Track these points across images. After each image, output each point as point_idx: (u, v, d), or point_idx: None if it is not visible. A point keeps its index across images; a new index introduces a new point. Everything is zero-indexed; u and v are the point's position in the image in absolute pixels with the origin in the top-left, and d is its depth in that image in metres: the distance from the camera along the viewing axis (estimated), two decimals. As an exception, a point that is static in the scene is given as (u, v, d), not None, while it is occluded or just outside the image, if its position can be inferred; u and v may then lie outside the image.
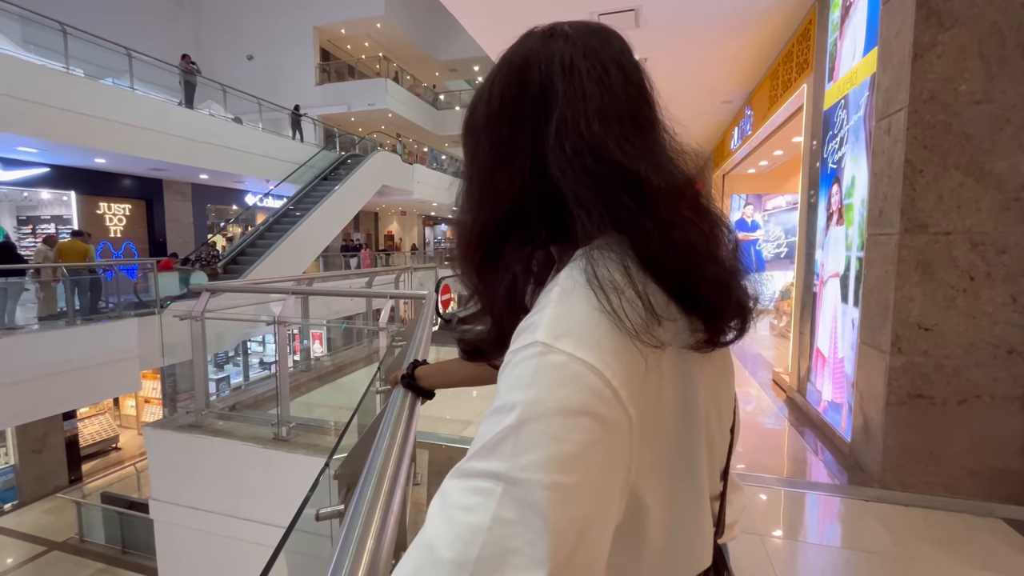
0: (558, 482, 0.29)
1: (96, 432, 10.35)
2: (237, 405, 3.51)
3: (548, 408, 0.30)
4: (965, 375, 2.15)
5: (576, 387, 0.31)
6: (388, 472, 0.64)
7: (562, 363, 0.32)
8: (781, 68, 4.08)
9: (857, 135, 2.62)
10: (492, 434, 0.31)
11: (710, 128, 6.83)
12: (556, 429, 0.30)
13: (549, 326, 0.34)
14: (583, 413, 0.31)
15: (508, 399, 0.32)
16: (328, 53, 16.54)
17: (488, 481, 0.29)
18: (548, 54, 0.43)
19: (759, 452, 2.99)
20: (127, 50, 8.74)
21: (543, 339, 0.33)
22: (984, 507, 2.09)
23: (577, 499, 0.29)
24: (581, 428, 0.30)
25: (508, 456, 0.30)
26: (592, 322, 0.34)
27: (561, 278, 0.39)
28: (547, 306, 0.36)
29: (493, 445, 0.30)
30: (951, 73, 2.07)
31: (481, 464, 0.30)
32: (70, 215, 10.35)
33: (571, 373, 0.31)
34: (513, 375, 0.33)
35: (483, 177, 0.46)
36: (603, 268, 0.37)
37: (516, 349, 0.35)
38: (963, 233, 2.10)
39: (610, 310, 0.35)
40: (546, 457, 0.29)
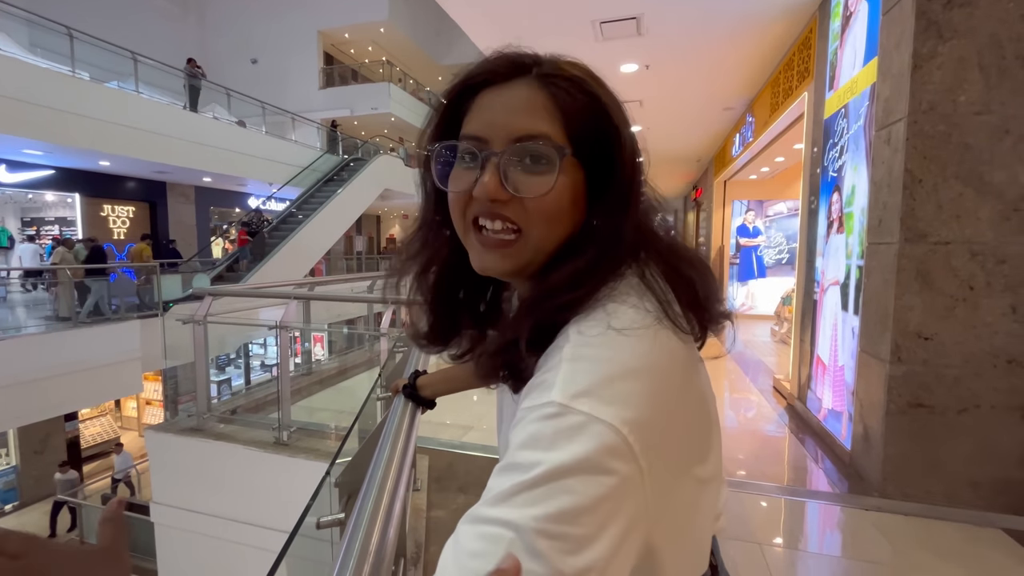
0: (567, 533, 0.29)
1: (97, 433, 10.37)
2: (238, 409, 3.52)
3: (563, 468, 0.31)
4: (965, 384, 2.15)
5: (593, 448, 0.31)
6: (388, 485, 0.65)
7: (580, 425, 0.32)
8: (782, 76, 4.10)
9: (857, 144, 2.63)
10: (506, 486, 0.31)
11: (711, 134, 6.85)
12: (569, 485, 0.30)
13: (566, 386, 0.34)
14: (597, 470, 0.31)
15: (524, 458, 0.32)
16: (332, 57, 16.64)
17: (498, 528, 0.30)
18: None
19: (759, 460, 2.99)
20: (132, 54, 8.81)
21: (559, 399, 0.33)
22: (984, 517, 2.08)
23: (586, 550, 0.29)
24: (594, 484, 0.31)
25: (520, 506, 0.30)
26: (614, 378, 0.34)
27: (578, 326, 0.39)
28: (561, 363, 0.36)
29: (507, 495, 0.31)
30: (950, 84, 2.08)
31: (493, 511, 0.31)
32: (74, 217, 10.42)
33: (590, 435, 0.31)
34: (528, 434, 0.33)
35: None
36: (625, 317, 0.38)
37: (530, 407, 0.34)
38: (963, 243, 2.11)
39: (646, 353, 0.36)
40: (558, 510, 0.29)
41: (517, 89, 0.44)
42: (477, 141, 0.43)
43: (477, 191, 0.42)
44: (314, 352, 6.70)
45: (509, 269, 0.44)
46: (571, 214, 0.44)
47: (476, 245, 0.44)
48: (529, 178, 0.41)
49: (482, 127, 0.43)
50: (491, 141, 0.42)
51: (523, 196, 0.41)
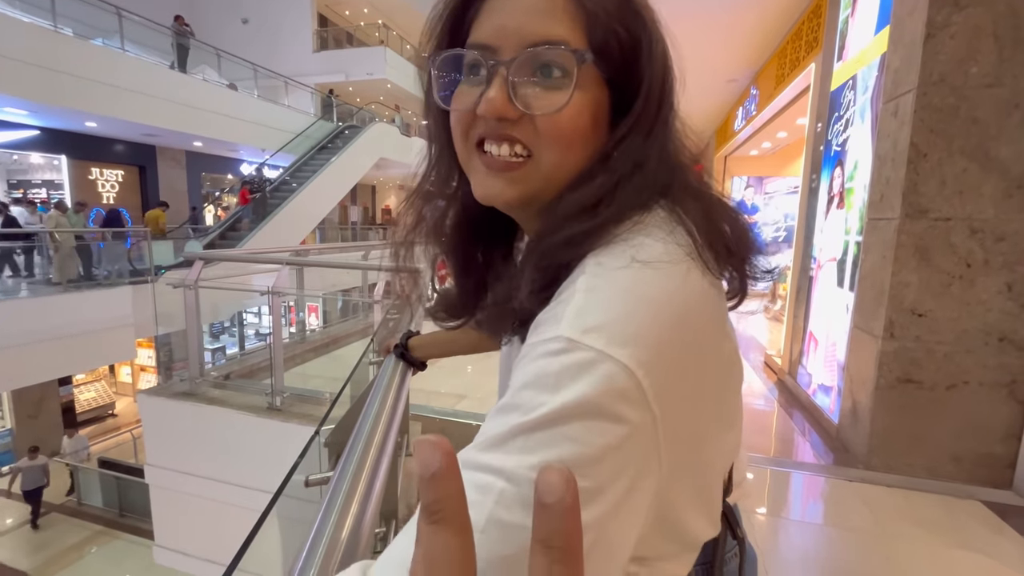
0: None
1: (92, 399, 10.42)
2: (232, 374, 3.52)
3: (567, 410, 0.27)
4: (955, 361, 2.17)
5: (602, 389, 0.27)
6: (376, 439, 0.64)
7: (588, 362, 0.28)
8: (790, 46, 3.99)
9: (863, 117, 2.58)
10: (502, 429, 0.28)
11: (714, 107, 6.72)
12: (573, 431, 0.27)
13: (576, 318, 0.30)
14: (606, 416, 0.27)
15: (524, 399, 0.28)
16: (326, 19, 16.06)
17: (490, 476, 0.26)
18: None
19: (748, 432, 3.02)
20: (117, 9, 8.44)
21: (568, 334, 0.29)
22: (964, 489, 2.13)
23: (588, 506, 0.26)
24: (602, 431, 0.27)
25: (516, 452, 0.27)
26: (633, 313, 0.30)
27: (597, 257, 0.34)
28: (574, 295, 0.31)
29: (502, 439, 0.27)
30: (963, 54, 2.02)
31: (484, 456, 0.27)
32: (62, 180, 10.18)
33: (600, 375, 0.27)
34: (530, 372, 0.29)
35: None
36: (652, 250, 0.33)
37: (536, 342, 0.30)
38: (963, 219, 2.09)
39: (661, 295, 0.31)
40: (559, 459, 0.26)
41: None
42: (484, 50, 0.37)
43: (481, 108, 0.36)
44: (308, 321, 6.69)
45: (515, 197, 0.38)
46: (590, 138, 0.38)
47: (480, 168, 0.38)
48: (542, 92, 0.36)
49: (491, 33, 0.36)
50: (500, 49, 0.36)
51: (534, 113, 0.35)
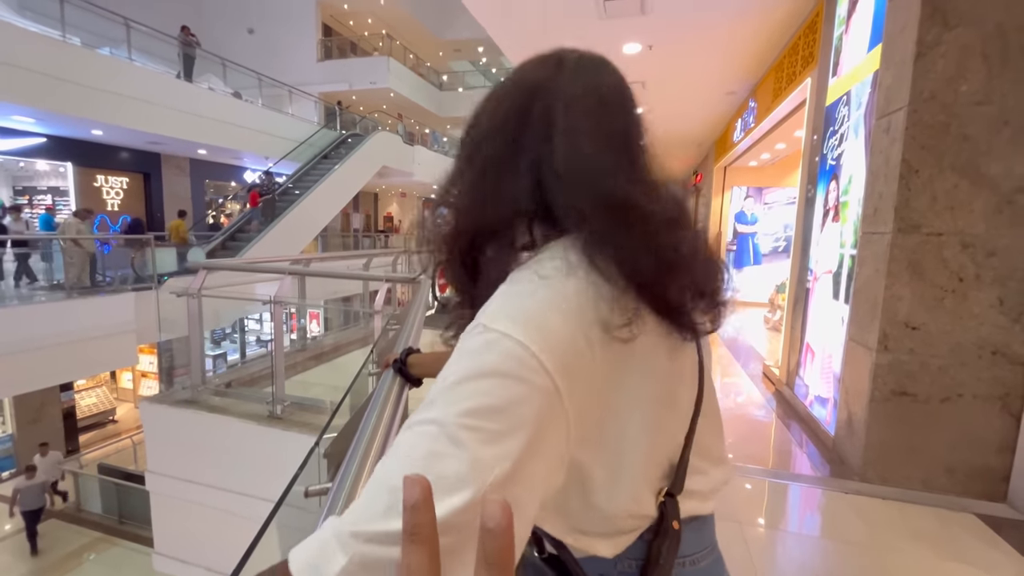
0: (483, 427, 0.35)
1: (93, 405, 10.44)
2: (233, 382, 3.55)
3: (478, 371, 0.37)
4: (949, 374, 2.19)
5: (503, 357, 0.38)
6: (372, 452, 0.67)
7: (495, 339, 0.39)
8: (786, 61, 4.05)
9: (857, 132, 2.62)
10: (433, 392, 0.38)
11: (713, 119, 6.78)
12: (483, 386, 0.37)
13: (492, 313, 0.41)
14: (509, 376, 0.37)
15: (449, 368, 0.39)
16: (330, 29, 16.26)
17: (426, 426, 0.36)
18: (553, 87, 0.50)
19: (746, 443, 3.04)
20: (125, 19, 8.58)
21: (484, 322, 0.40)
22: (959, 502, 2.14)
23: (502, 443, 0.35)
24: (505, 388, 0.37)
25: (443, 406, 0.36)
26: (528, 308, 0.41)
27: (513, 274, 0.46)
28: (495, 297, 0.43)
29: (432, 400, 0.37)
30: (952, 73, 2.06)
31: (422, 415, 0.37)
32: (67, 187, 10.28)
33: (502, 347, 0.38)
34: (459, 348, 0.40)
35: (477, 181, 0.51)
36: (544, 268, 0.44)
37: (466, 332, 0.41)
38: (955, 234, 2.12)
39: (549, 299, 0.41)
40: (475, 406, 0.36)
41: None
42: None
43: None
44: (310, 328, 6.71)
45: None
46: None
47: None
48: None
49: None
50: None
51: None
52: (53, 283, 6.70)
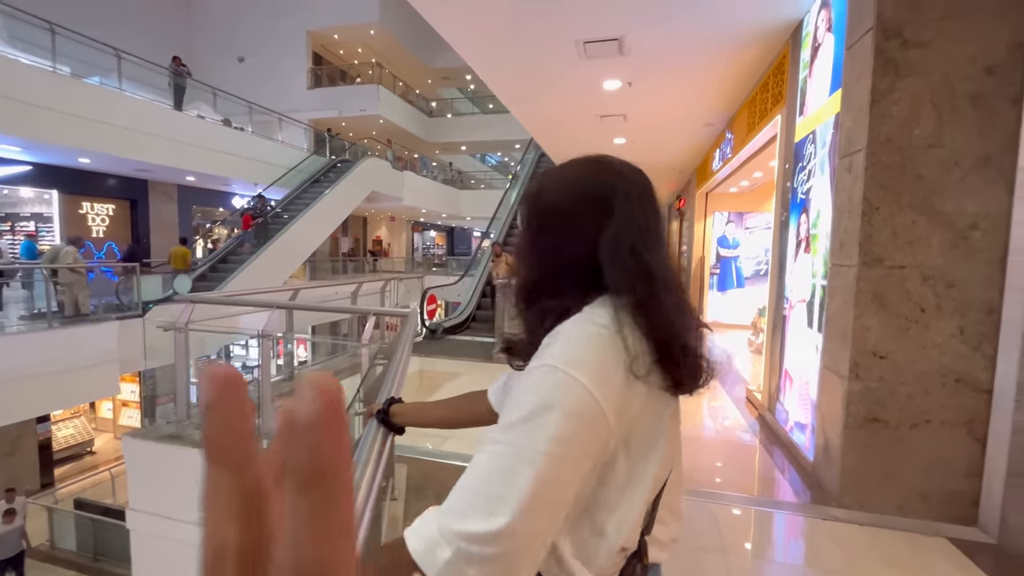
0: (549, 451, 0.46)
1: (70, 436, 10.14)
2: (218, 415, 3.51)
3: (551, 407, 0.48)
4: (916, 401, 2.28)
5: (572, 397, 0.49)
6: (358, 500, 0.71)
7: (566, 381, 0.50)
8: (758, 97, 4.25)
9: (823, 169, 2.76)
10: (511, 418, 0.49)
11: (693, 148, 7.01)
12: (553, 419, 0.48)
13: (560, 354, 0.52)
14: (574, 414, 0.49)
15: (525, 398, 0.50)
16: (320, 57, 16.56)
17: (505, 447, 0.47)
18: (613, 181, 0.65)
19: (730, 468, 3.09)
20: (115, 50, 8.69)
21: (554, 363, 0.51)
22: (932, 527, 2.21)
23: (558, 464, 0.47)
24: (571, 423, 0.48)
25: (520, 433, 0.47)
26: (589, 355, 0.52)
27: (571, 319, 0.57)
28: (559, 337, 0.55)
29: (510, 425, 0.48)
30: (906, 118, 2.21)
31: (502, 436, 0.48)
32: (51, 213, 10.20)
33: (571, 390, 0.49)
34: (530, 382, 0.51)
35: (546, 245, 0.66)
36: (600, 318, 0.56)
37: (535, 367, 0.53)
38: (915, 267, 2.24)
39: (603, 346, 0.54)
40: (545, 436, 0.47)
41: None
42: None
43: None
44: (297, 354, 6.66)
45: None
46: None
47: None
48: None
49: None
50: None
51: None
52: (34, 312, 6.61)
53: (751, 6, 3.19)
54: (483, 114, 18.95)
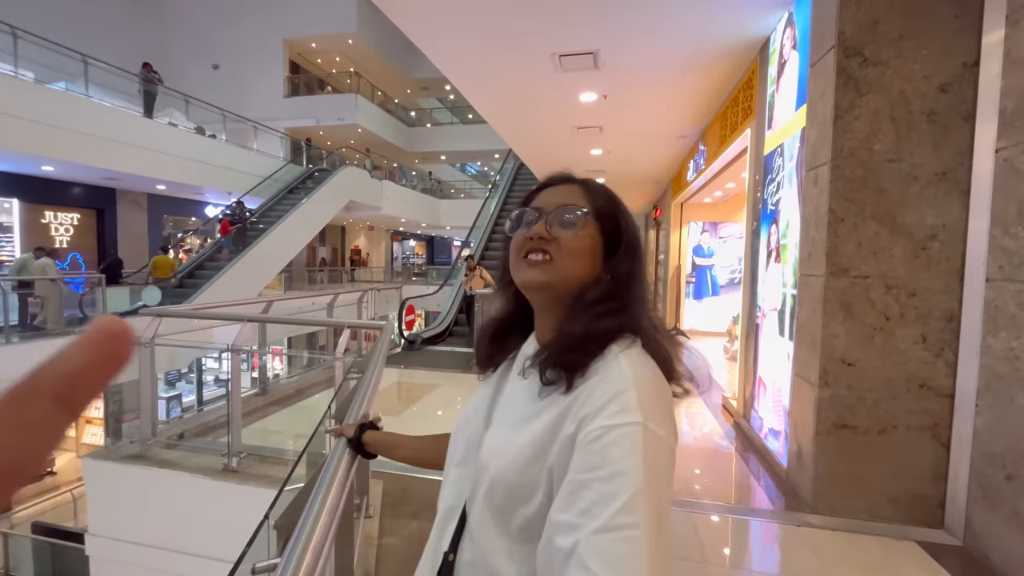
0: (667, 513, 0.47)
1: (29, 455, 9.65)
2: (186, 433, 3.40)
3: (658, 473, 0.47)
4: (883, 407, 2.34)
5: (666, 456, 0.49)
6: (317, 531, 0.69)
7: (658, 441, 0.49)
8: (729, 111, 4.37)
9: (791, 181, 2.84)
10: (624, 496, 0.45)
11: (668, 159, 7.15)
12: (662, 484, 0.47)
13: (641, 409, 0.50)
14: (669, 472, 0.49)
15: (626, 466, 0.46)
16: (298, 66, 16.43)
17: (632, 531, 0.43)
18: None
19: (707, 475, 3.12)
20: (82, 55, 8.46)
21: (642, 420, 0.49)
22: (901, 531, 2.26)
23: (669, 518, 0.48)
24: (669, 483, 0.49)
25: (642, 510, 0.44)
26: (662, 405, 0.53)
27: (625, 357, 0.55)
28: (628, 387, 0.51)
29: (627, 503, 0.44)
30: (867, 133, 2.29)
31: (622, 519, 0.44)
32: (11, 223, 9.80)
33: (663, 447, 0.49)
34: (624, 447, 0.47)
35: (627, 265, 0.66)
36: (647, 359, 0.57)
37: (615, 424, 0.49)
38: (879, 277, 2.31)
39: (667, 388, 0.56)
40: (660, 502, 0.46)
41: (566, 186, 0.68)
42: (538, 209, 0.65)
43: (531, 232, 0.63)
44: (272, 366, 6.50)
45: (543, 281, 0.62)
46: (589, 259, 0.63)
47: (522, 266, 0.63)
48: (564, 229, 0.63)
49: (542, 202, 0.66)
50: (544, 208, 0.65)
51: (559, 238, 0.62)
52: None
53: (720, 23, 3.28)
54: (462, 124, 19.02)
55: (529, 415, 0.57)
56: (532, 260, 0.62)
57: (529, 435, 0.55)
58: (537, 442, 0.54)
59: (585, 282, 0.62)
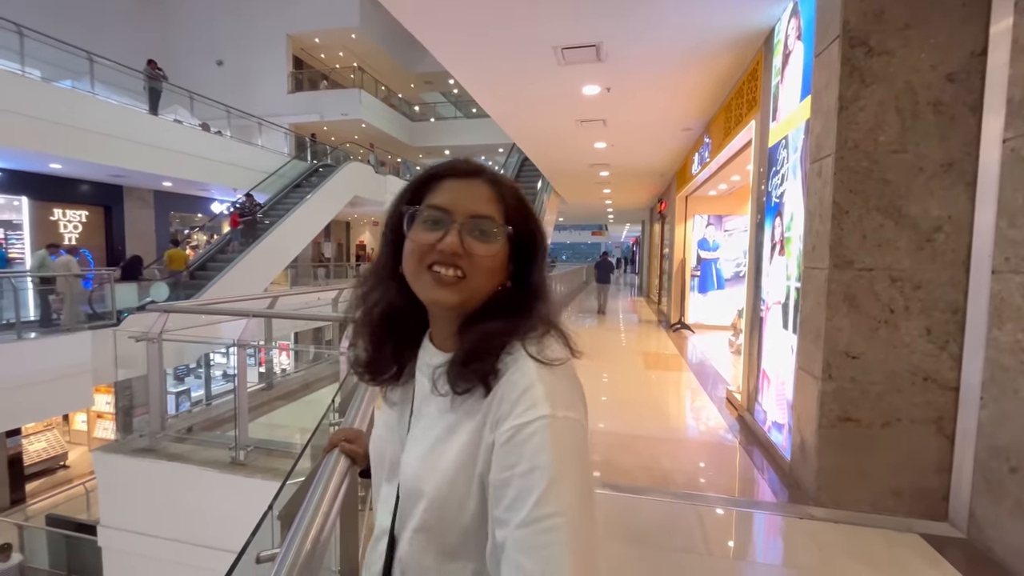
0: (588, 493, 0.47)
1: (43, 450, 9.83)
2: (195, 427, 3.45)
3: (573, 457, 0.47)
4: (887, 400, 2.33)
5: (580, 437, 0.50)
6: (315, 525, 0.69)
7: (569, 425, 0.49)
8: (734, 103, 4.33)
9: (796, 173, 2.82)
10: (539, 488, 0.45)
11: (672, 152, 7.11)
12: (579, 467, 0.48)
13: (549, 400, 0.49)
14: (585, 452, 0.49)
15: (539, 461, 0.46)
16: (301, 61, 16.42)
17: (550, 520, 0.44)
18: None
19: (710, 468, 3.12)
20: (88, 53, 8.51)
21: (550, 412, 0.49)
22: (904, 523, 2.26)
23: (591, 497, 0.47)
24: (586, 462, 0.49)
25: (560, 499, 0.45)
26: (571, 388, 0.53)
27: (529, 356, 0.54)
28: (534, 382, 0.51)
29: (543, 494, 0.45)
30: (872, 124, 2.27)
31: (540, 511, 0.44)
32: (20, 220, 9.92)
33: (576, 429, 0.49)
34: (536, 443, 0.47)
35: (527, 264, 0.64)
36: (555, 350, 0.55)
37: (525, 422, 0.48)
38: (884, 269, 2.30)
39: (572, 368, 0.55)
40: (579, 485, 0.46)
41: (474, 184, 0.60)
42: (443, 210, 0.58)
43: (442, 245, 0.56)
44: (279, 361, 6.56)
45: (454, 302, 0.57)
46: (500, 273, 0.60)
47: (430, 282, 0.58)
48: (479, 243, 0.57)
49: (447, 202, 0.58)
50: (453, 212, 0.57)
51: (474, 254, 0.57)
52: (3, 323, 6.40)
53: (725, 14, 3.25)
54: (466, 118, 18.97)
55: (446, 428, 0.56)
56: (443, 278, 0.56)
57: (452, 450, 0.54)
58: (462, 454, 0.53)
59: (492, 291, 0.59)
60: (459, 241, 0.56)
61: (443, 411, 0.57)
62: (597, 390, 4.81)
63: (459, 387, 0.55)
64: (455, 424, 0.55)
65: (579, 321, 9.66)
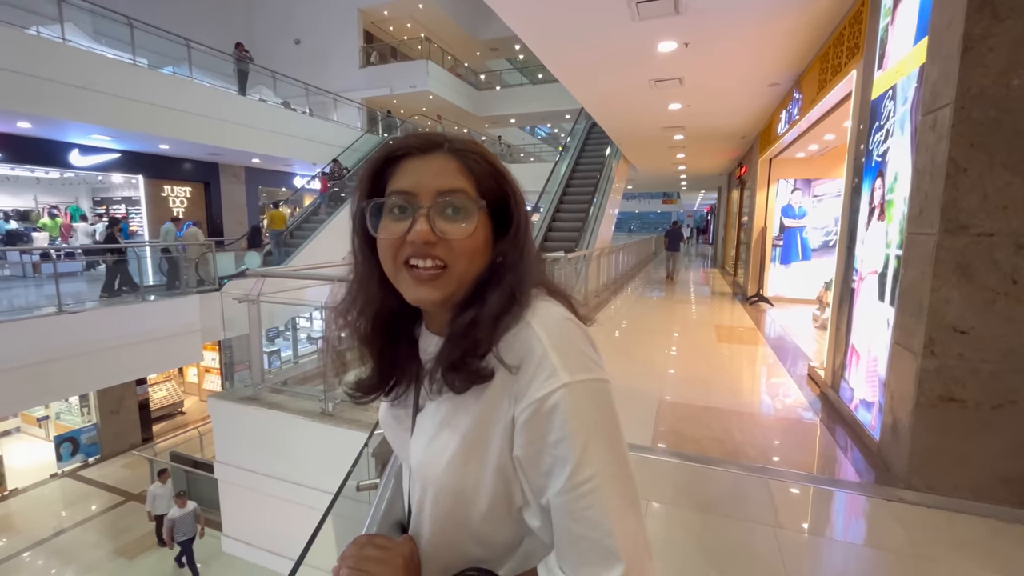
0: (620, 446, 0.49)
1: (164, 397, 11.33)
2: (289, 380, 3.82)
3: (597, 420, 0.48)
4: (1002, 380, 2.10)
5: (601, 395, 0.49)
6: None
7: (589, 386, 0.48)
8: (831, 51, 3.90)
9: (903, 128, 2.52)
10: (574, 457, 0.47)
11: (756, 111, 6.57)
12: (609, 427, 0.49)
13: (565, 368, 0.48)
14: (611, 407, 0.50)
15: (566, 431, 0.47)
16: (371, 35, 16.76)
17: (587, 484, 0.46)
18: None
19: (789, 446, 3.00)
20: (186, 40, 9.23)
21: (569, 380, 0.48)
22: (1013, 514, 2.06)
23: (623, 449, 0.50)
24: (614, 417, 0.50)
25: (592, 463, 0.47)
26: (583, 347, 0.50)
27: (535, 323, 0.51)
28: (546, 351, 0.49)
29: (578, 463, 0.47)
30: (1004, 66, 1.97)
31: (576, 478, 0.46)
32: (138, 196, 11.18)
33: (596, 389, 0.49)
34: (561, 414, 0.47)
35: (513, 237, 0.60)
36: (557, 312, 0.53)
37: (546, 395, 0.47)
38: (1008, 235, 2.03)
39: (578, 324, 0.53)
40: (609, 443, 0.48)
41: (435, 158, 0.53)
42: (406, 195, 0.51)
43: (411, 236, 0.50)
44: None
45: (439, 298, 0.52)
46: (484, 252, 0.54)
47: (409, 280, 0.52)
48: (453, 224, 0.51)
49: (410, 185, 0.52)
50: (419, 195, 0.51)
51: (450, 238, 0.51)
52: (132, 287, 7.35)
53: (825, -51, 2.90)
54: (532, 85, 18.56)
55: (452, 413, 0.53)
56: (421, 274, 0.51)
57: (459, 436, 0.51)
58: (469, 439, 0.50)
59: (479, 273, 0.53)
60: (429, 227, 0.50)
61: (447, 395, 0.53)
62: (665, 363, 4.71)
63: (457, 388, 0.51)
64: (459, 406, 0.52)
65: (648, 292, 9.42)
